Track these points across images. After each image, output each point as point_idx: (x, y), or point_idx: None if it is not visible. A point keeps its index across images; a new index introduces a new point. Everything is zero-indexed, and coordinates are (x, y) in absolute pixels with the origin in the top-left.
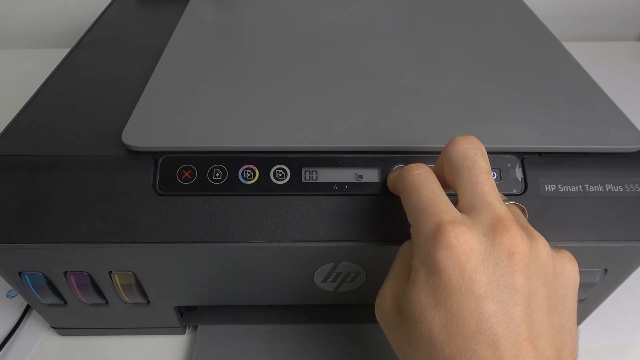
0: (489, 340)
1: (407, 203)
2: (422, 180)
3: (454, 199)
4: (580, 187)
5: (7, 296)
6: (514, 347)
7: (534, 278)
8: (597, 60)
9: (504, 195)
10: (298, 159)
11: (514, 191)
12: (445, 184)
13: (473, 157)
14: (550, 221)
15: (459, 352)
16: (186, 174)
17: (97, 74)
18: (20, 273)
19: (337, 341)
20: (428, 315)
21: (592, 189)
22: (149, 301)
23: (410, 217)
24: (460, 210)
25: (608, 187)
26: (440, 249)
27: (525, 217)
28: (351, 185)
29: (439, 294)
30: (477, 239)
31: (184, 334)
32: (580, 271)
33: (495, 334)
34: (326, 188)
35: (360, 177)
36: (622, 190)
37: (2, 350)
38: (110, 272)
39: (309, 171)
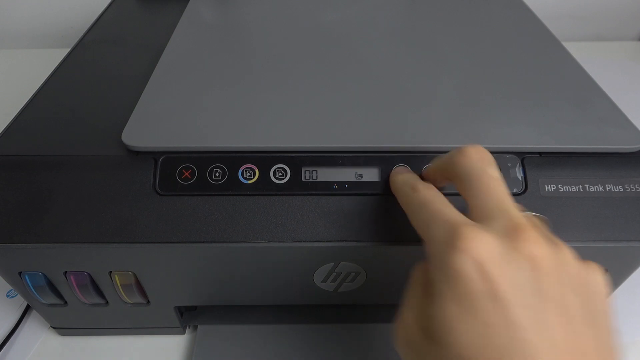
0: (523, 348)
1: (416, 219)
2: (430, 197)
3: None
4: (580, 187)
5: (7, 296)
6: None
7: (561, 285)
8: (597, 60)
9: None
10: (298, 159)
11: (514, 191)
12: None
13: (482, 166)
14: (550, 221)
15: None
16: (186, 173)
17: (97, 74)
18: (20, 273)
19: (337, 341)
20: (456, 326)
21: (592, 189)
22: (149, 301)
23: (422, 231)
24: (472, 220)
25: (608, 187)
26: (457, 253)
27: (548, 228)
28: (351, 184)
29: (462, 301)
30: (496, 241)
31: (184, 334)
32: None
33: (529, 341)
34: (326, 187)
35: (361, 176)
36: (622, 190)
37: (2, 350)
38: (110, 272)
39: (309, 170)
